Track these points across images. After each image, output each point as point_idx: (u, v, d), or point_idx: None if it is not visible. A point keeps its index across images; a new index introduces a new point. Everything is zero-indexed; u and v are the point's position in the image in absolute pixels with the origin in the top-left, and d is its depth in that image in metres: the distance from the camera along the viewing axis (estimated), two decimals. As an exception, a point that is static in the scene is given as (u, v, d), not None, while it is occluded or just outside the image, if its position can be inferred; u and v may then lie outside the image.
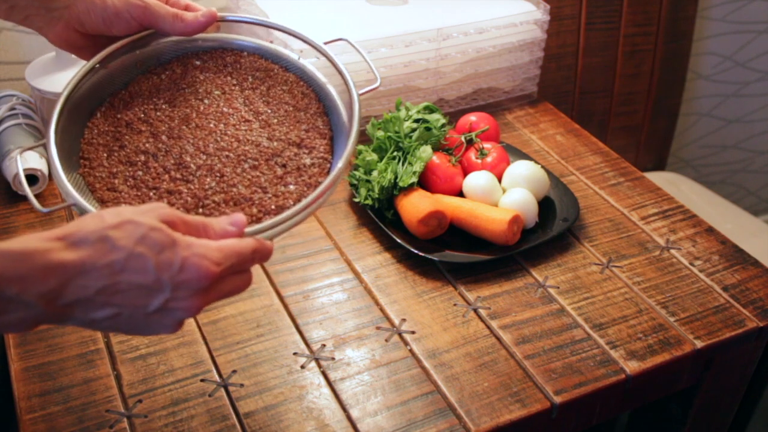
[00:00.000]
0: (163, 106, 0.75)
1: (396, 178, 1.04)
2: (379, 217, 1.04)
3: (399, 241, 0.99)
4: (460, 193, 1.08)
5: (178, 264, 0.57)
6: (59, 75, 1.10)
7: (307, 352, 0.87)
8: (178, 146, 0.72)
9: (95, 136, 0.72)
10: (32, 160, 1.06)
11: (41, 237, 0.54)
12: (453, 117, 1.22)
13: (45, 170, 1.07)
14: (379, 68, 1.18)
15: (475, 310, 0.93)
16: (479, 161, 1.10)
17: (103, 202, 0.69)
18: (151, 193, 0.69)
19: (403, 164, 1.06)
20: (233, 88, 0.77)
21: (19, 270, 0.51)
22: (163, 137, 0.72)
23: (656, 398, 0.95)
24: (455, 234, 1.02)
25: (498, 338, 0.89)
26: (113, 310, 0.56)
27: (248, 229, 0.64)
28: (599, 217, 1.08)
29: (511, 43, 1.27)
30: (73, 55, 1.12)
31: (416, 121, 1.10)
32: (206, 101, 0.76)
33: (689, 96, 1.89)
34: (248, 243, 0.62)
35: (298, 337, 0.88)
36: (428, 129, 1.09)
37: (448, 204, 1.03)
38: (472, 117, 1.17)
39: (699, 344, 0.89)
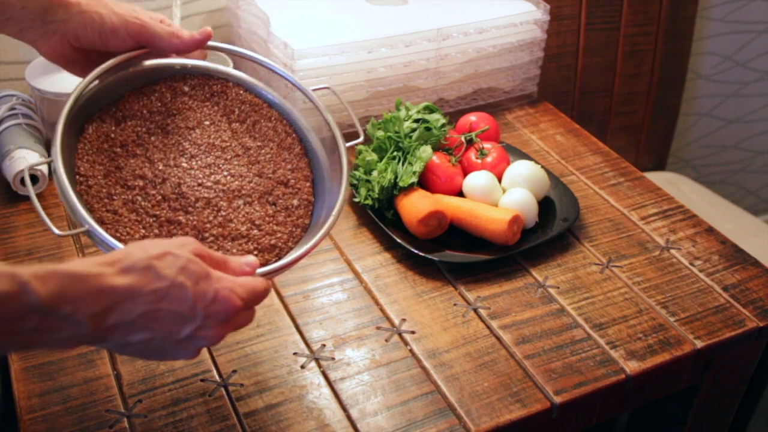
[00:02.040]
0: (157, 131, 0.77)
1: (396, 178, 1.04)
2: (379, 217, 1.04)
3: (399, 241, 0.99)
4: (460, 193, 1.08)
5: (212, 295, 0.61)
6: (59, 75, 1.10)
7: (307, 352, 0.87)
8: (176, 176, 0.74)
9: (89, 153, 0.73)
10: (32, 160, 1.06)
11: (94, 262, 0.58)
12: (453, 117, 1.22)
13: (45, 170, 1.07)
14: (378, 68, 1.18)
15: (475, 310, 0.93)
16: (479, 161, 1.10)
17: (102, 223, 0.71)
18: (151, 220, 0.72)
19: (403, 164, 1.06)
20: (221, 119, 0.80)
21: (76, 291, 0.55)
22: (160, 165, 0.74)
23: (656, 398, 0.95)
24: (455, 234, 1.02)
25: (498, 338, 0.89)
26: (149, 334, 0.60)
27: (258, 271, 0.69)
28: (599, 217, 1.08)
29: (511, 43, 1.27)
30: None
31: (416, 121, 1.10)
32: (197, 131, 0.78)
33: (689, 96, 1.89)
34: (261, 282, 0.67)
35: (298, 337, 0.88)
36: (428, 129, 1.09)
37: (448, 204, 1.03)
38: (472, 117, 1.17)
39: (699, 344, 0.89)
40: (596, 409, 0.88)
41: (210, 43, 0.80)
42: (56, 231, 0.67)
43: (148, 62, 0.79)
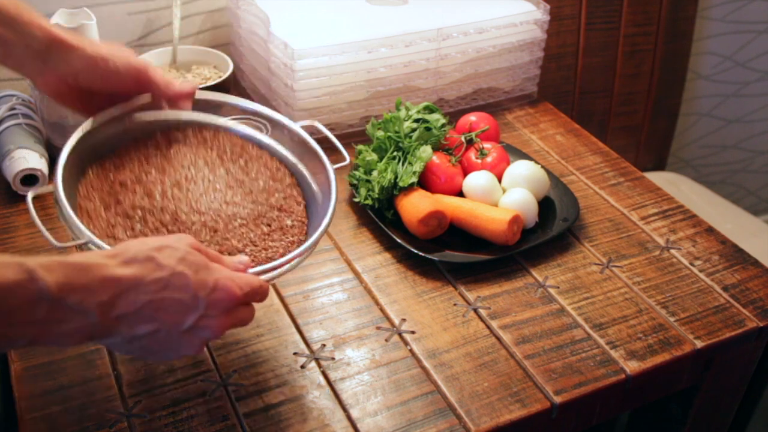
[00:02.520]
0: (152, 171, 0.81)
1: (396, 178, 1.04)
2: (379, 217, 1.04)
3: (399, 241, 0.99)
4: (460, 193, 1.08)
5: (212, 283, 0.63)
6: (59, 75, 1.10)
7: (307, 352, 0.87)
8: (173, 205, 0.78)
9: (90, 192, 0.77)
10: (32, 160, 1.06)
11: (97, 254, 0.60)
12: (453, 117, 1.22)
13: (45, 170, 1.07)
14: (378, 68, 1.18)
15: (475, 310, 0.93)
16: (479, 161, 1.10)
17: None
18: None
19: (403, 164, 1.06)
20: (215, 159, 0.85)
21: (82, 280, 0.57)
22: (157, 197, 0.78)
23: (656, 398, 0.95)
24: (455, 234, 1.02)
25: (498, 338, 0.89)
26: (154, 325, 0.61)
27: (251, 270, 0.71)
28: (599, 217, 1.08)
29: (511, 43, 1.27)
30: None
31: (416, 121, 1.10)
32: (192, 169, 0.83)
33: (689, 96, 1.89)
34: (256, 278, 0.69)
35: (298, 337, 0.88)
36: (428, 129, 1.09)
37: (448, 204, 1.03)
38: (472, 117, 1.17)
39: (699, 344, 0.89)
40: (596, 409, 0.88)
41: (201, 96, 0.86)
42: (55, 243, 0.69)
43: (145, 116, 0.84)
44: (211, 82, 1.21)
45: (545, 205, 1.07)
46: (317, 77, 1.15)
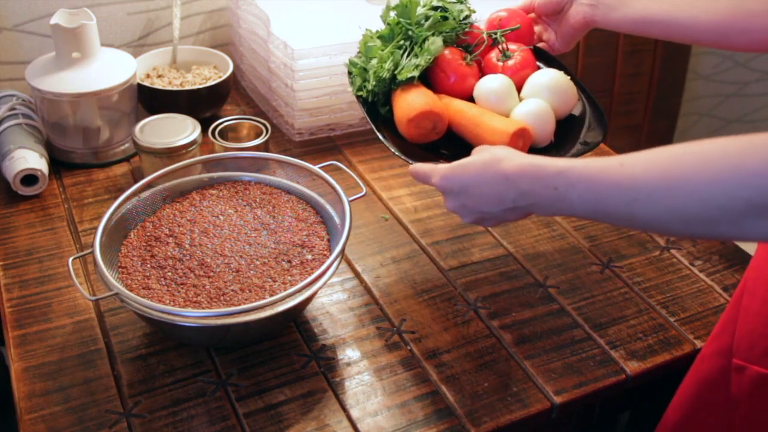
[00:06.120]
0: (186, 223, 0.90)
1: (396, 69, 0.92)
2: (373, 113, 0.93)
3: (383, 141, 0.88)
4: (472, 100, 0.93)
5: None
6: (59, 75, 1.10)
7: (307, 352, 0.87)
8: (200, 251, 0.87)
9: (130, 250, 0.87)
10: (32, 160, 1.06)
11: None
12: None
13: (45, 170, 1.07)
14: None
15: (475, 310, 0.93)
16: (500, 64, 0.94)
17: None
18: (180, 288, 0.83)
19: (408, 56, 0.92)
20: (244, 208, 0.93)
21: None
22: (187, 245, 0.87)
23: (656, 398, 0.95)
24: (453, 143, 0.91)
25: (498, 338, 0.89)
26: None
27: (272, 298, 0.78)
28: (599, 217, 1.08)
29: (511, 43, 1.27)
30: (74, 54, 1.12)
31: (434, 8, 0.94)
32: (221, 217, 0.91)
33: (689, 96, 1.89)
34: None
35: (298, 337, 0.88)
36: (445, 18, 0.93)
37: (449, 106, 0.90)
38: (502, 13, 0.98)
39: (699, 344, 0.89)
40: (596, 409, 0.88)
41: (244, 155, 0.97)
42: (88, 296, 0.78)
43: (179, 180, 0.94)
44: (211, 82, 1.21)
45: (567, 124, 0.93)
46: (317, 77, 1.15)
